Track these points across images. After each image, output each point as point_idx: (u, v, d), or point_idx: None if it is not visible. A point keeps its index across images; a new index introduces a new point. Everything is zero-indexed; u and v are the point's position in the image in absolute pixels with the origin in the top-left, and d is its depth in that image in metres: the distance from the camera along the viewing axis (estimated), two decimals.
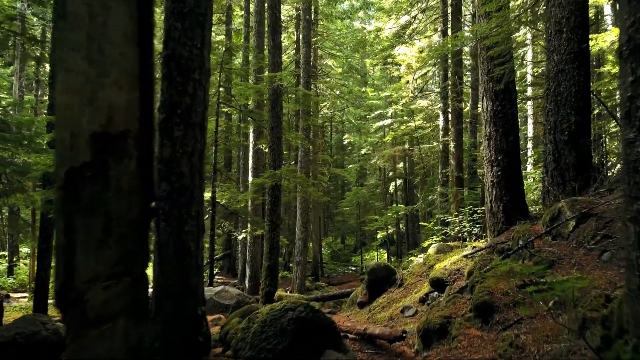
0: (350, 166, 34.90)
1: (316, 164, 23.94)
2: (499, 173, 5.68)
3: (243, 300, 8.91)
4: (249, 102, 15.38)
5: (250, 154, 14.27)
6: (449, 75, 15.66)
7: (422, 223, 19.07)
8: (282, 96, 9.97)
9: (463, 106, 16.43)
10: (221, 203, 13.15)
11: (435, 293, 5.18)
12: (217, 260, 21.68)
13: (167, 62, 3.33)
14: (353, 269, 30.09)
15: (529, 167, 20.27)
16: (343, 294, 11.34)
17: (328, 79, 23.29)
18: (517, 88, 7.79)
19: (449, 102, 15.69)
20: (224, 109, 13.89)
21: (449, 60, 15.54)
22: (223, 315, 8.90)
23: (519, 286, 3.57)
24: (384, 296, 6.75)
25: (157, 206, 3.38)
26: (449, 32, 15.47)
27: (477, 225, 11.81)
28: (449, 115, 16.19)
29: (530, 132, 21.33)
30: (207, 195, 12.64)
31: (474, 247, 5.71)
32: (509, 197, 5.62)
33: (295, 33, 22.09)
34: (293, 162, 24.30)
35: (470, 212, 11.43)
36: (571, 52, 7.34)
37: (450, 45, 6.14)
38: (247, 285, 14.34)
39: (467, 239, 11.73)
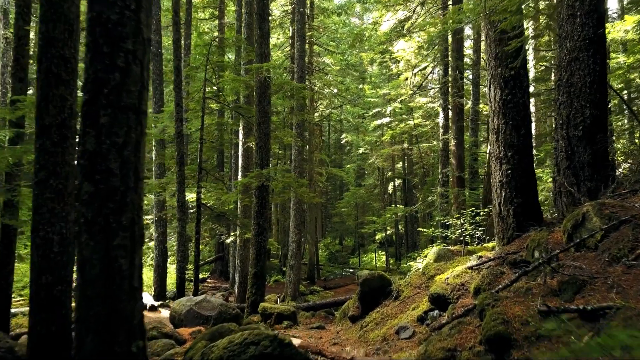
0: (348, 166, 34.19)
1: (312, 164, 23.19)
2: (509, 172, 4.94)
3: (225, 311, 8.15)
4: (241, 98, 14.65)
5: (240, 152, 13.53)
6: (450, 70, 14.93)
7: (421, 229, 18.34)
8: (270, 89, 9.24)
9: (464, 102, 15.68)
10: (208, 205, 12.43)
11: (436, 312, 4.45)
12: (209, 263, 20.95)
13: (92, 27, 2.59)
14: (351, 271, 29.39)
15: None
16: (336, 302, 10.62)
17: (326, 76, 22.55)
18: None
19: (450, 99, 14.96)
20: (211, 105, 13.15)
21: (450, 55, 14.81)
22: (203, 328, 8.15)
23: (542, 313, 2.82)
24: (377, 310, 6.01)
25: (79, 212, 2.64)
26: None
27: (480, 229, 11.08)
28: (449, 112, 15.46)
29: (532, 130, 20.63)
30: (193, 196, 11.91)
31: (480, 256, 4.97)
32: (521, 200, 4.87)
33: (290, 29, 21.37)
34: (288, 162, 23.54)
35: (473, 214, 10.70)
36: (586, 39, 6.61)
37: (452, 22, 5.40)
38: (236, 291, 13.58)
39: (469, 243, 11.01)
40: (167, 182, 11.51)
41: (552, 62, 13.21)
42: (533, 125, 21.04)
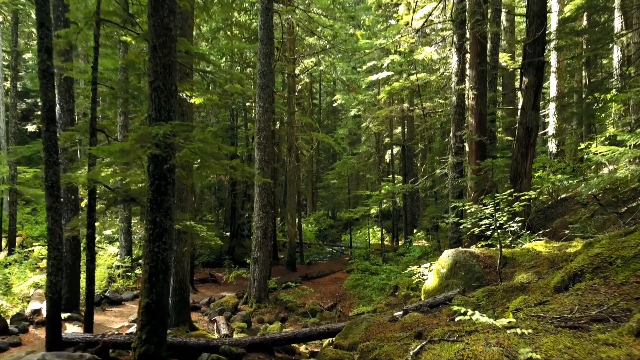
0: (340, 131, 30.01)
1: (292, 128, 19.16)
2: None
3: None
4: None
5: None
6: None
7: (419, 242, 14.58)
8: None
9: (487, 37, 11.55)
10: (118, 185, 8.59)
11: None
12: None
13: None
14: (343, 248, 25.93)
15: (552, 145, 15.31)
16: (298, 336, 6.92)
17: (316, 33, 18.15)
18: None
19: (467, 34, 10.83)
20: (124, 37, 9.06)
21: None
22: None
23: None
24: None
25: None
26: None
27: (517, 219, 7.29)
28: (466, 55, 11.37)
29: (553, 89, 16.40)
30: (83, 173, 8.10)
31: None
32: None
33: None
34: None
35: (511, 199, 6.82)
36: None
37: None
38: (170, 301, 9.88)
39: (501, 240, 7.24)
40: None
41: None
42: (554, 83, 16.39)
